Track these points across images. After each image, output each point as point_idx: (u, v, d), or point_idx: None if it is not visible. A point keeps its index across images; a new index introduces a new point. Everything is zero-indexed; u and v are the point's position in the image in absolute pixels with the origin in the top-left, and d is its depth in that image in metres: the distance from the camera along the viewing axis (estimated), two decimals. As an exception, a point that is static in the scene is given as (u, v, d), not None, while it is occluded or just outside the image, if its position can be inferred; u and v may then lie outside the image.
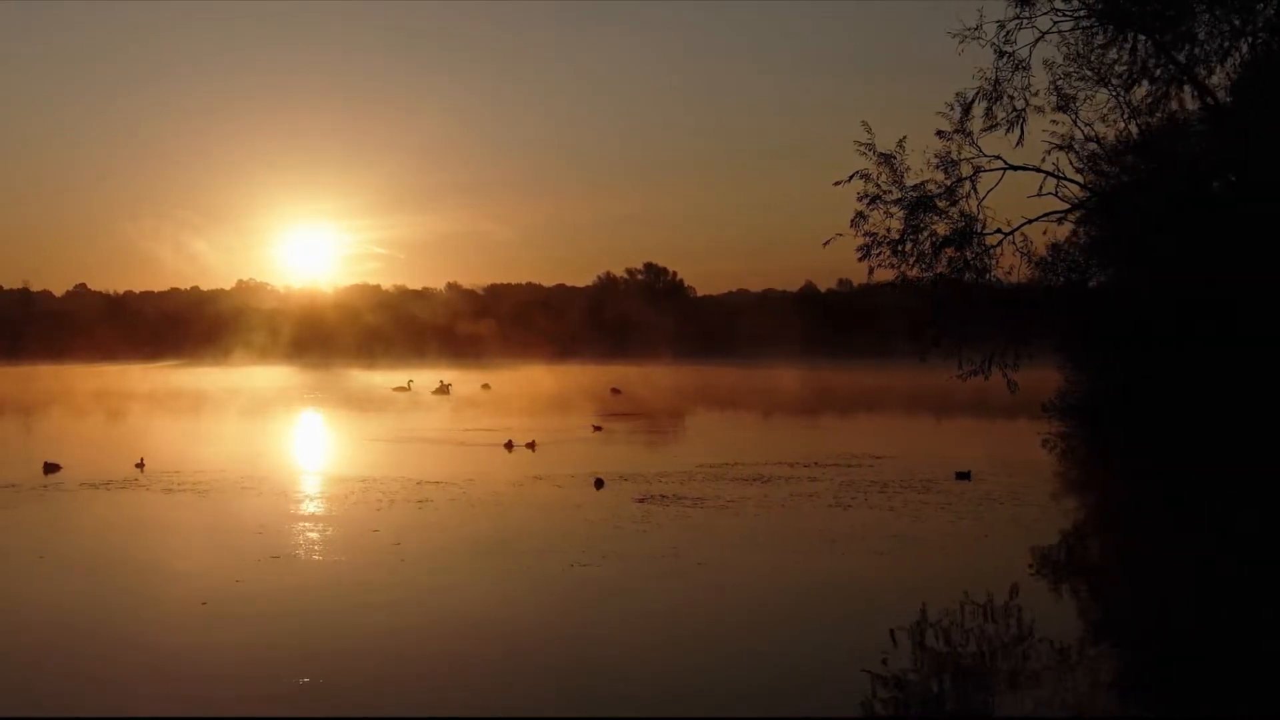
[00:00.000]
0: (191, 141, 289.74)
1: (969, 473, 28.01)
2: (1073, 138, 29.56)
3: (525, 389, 79.15)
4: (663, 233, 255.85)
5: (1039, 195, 30.03)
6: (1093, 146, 31.17)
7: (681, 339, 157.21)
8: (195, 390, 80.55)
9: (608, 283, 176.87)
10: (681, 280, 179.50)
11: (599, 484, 27.11)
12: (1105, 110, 29.19)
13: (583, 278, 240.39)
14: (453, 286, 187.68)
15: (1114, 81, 28.30)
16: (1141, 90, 28.58)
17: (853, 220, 28.28)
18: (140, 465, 30.22)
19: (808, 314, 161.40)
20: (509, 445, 35.60)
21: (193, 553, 19.46)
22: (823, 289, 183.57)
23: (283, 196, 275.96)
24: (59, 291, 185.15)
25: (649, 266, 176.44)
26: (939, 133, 28.06)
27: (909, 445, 38.95)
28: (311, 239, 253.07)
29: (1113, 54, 27.81)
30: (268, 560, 18.64)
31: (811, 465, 31.34)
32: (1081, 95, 28.08)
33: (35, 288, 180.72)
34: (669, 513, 23.21)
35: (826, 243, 28.69)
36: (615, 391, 72.96)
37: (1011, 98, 26.04)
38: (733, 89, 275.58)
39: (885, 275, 28.21)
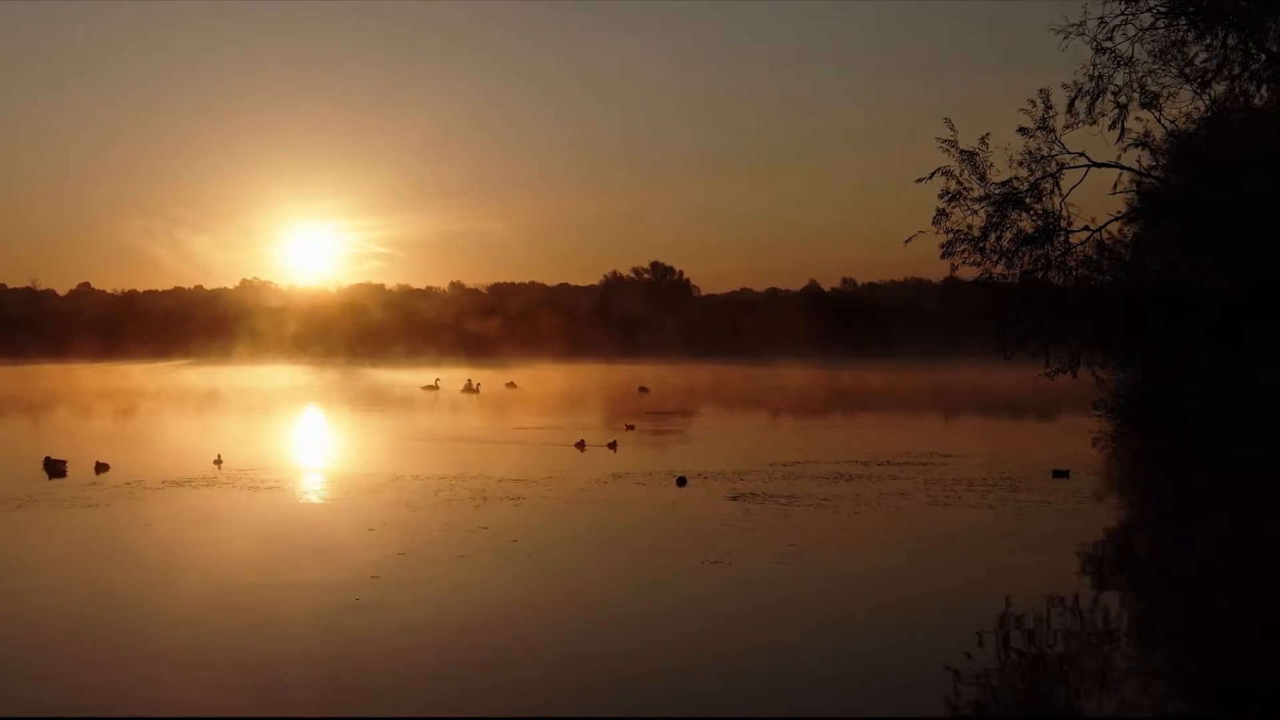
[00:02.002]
0: (192, 140, 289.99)
1: (1067, 471, 27.85)
2: (1149, 134, 29.67)
3: (550, 387, 79.08)
4: (665, 232, 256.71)
5: (1114, 193, 30.15)
6: (1169, 143, 31.24)
7: (688, 338, 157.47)
8: (213, 388, 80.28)
9: (614, 282, 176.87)
10: (688, 279, 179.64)
11: (681, 482, 26.98)
12: (1188, 108, 29.27)
13: (585, 277, 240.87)
14: (456, 285, 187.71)
15: (1195, 78, 28.33)
16: (1221, 86, 28.62)
17: (934, 218, 28.34)
18: (218, 462, 30.07)
19: (813, 313, 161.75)
20: (581, 445, 35.39)
21: (316, 550, 19.30)
22: (826, 288, 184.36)
23: (283, 195, 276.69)
24: (62, 290, 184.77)
25: (655, 265, 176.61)
26: (1021, 130, 28.19)
27: (972, 443, 38.87)
28: (313, 238, 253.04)
29: (1195, 49, 27.84)
30: (394, 556, 18.50)
31: (885, 463, 31.24)
32: (1165, 93, 28.13)
33: (39, 287, 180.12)
34: (769, 511, 23.08)
35: (908, 240, 28.81)
36: (643, 390, 72.90)
37: (1115, 93, 26.04)
38: (737, 87, 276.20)
39: (969, 272, 28.18)
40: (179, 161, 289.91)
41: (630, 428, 43.59)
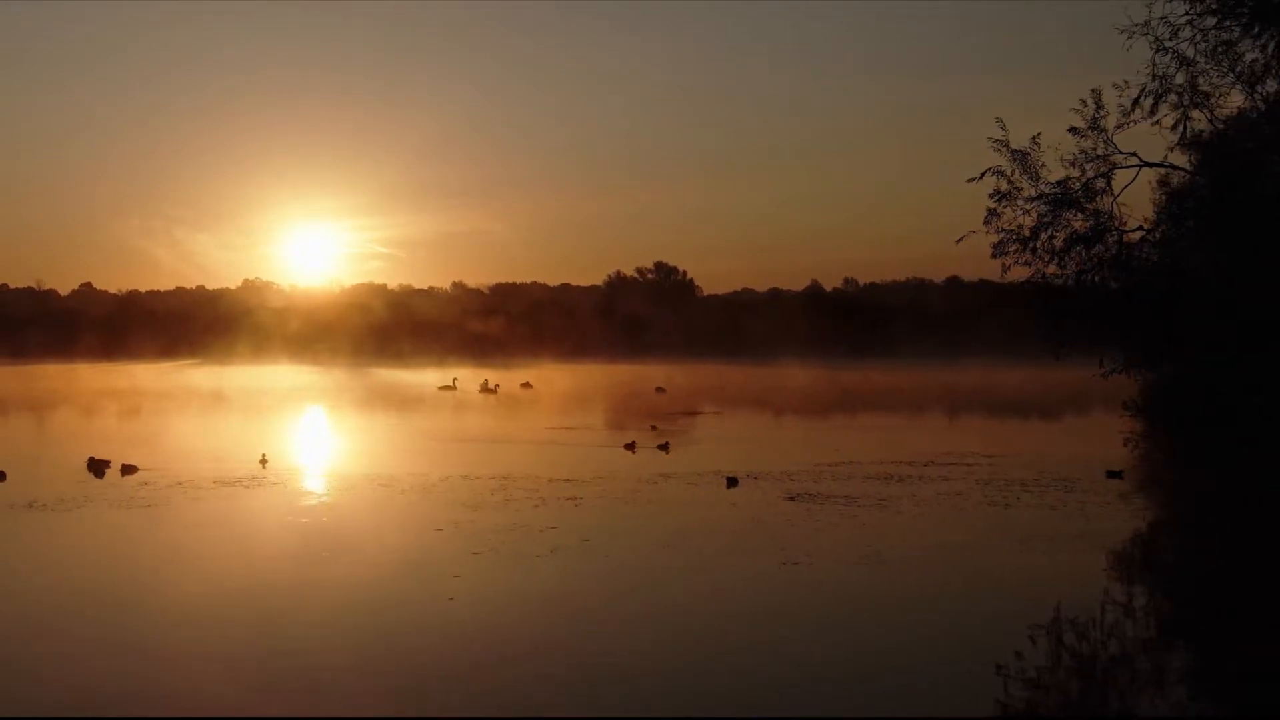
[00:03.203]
0: (192, 140, 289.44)
1: (1121, 472, 27.79)
2: (1198, 134, 29.58)
3: (564, 388, 79.03)
4: (665, 232, 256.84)
5: (1161, 193, 30.06)
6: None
7: (691, 338, 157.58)
8: (225, 389, 80.00)
9: (618, 281, 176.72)
10: (691, 279, 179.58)
11: (732, 482, 26.84)
12: (1240, 107, 29.19)
13: (586, 277, 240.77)
14: (459, 285, 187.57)
15: (1245, 77, 28.23)
16: (1272, 85, 28.52)
17: (985, 218, 28.26)
18: (263, 462, 29.95)
19: (815, 313, 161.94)
20: (632, 446, 35.20)
21: (392, 550, 19.24)
22: (828, 288, 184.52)
23: (283, 195, 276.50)
24: (64, 290, 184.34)
25: (659, 265, 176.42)
26: (1072, 129, 28.08)
27: (1006, 443, 38.72)
28: (313, 238, 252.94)
29: (1245, 45, 27.69)
30: (470, 556, 18.41)
31: (929, 464, 31.17)
32: (1217, 92, 28.03)
33: (42, 287, 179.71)
34: (832, 512, 22.99)
35: (960, 239, 28.71)
36: (660, 390, 72.80)
37: (1179, 93, 25.96)
38: (737, 87, 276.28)
39: (1021, 272, 28.11)
40: (179, 161, 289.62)
41: (654, 428, 43.48)
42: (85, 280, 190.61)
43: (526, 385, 78.26)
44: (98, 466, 29.12)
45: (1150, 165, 28.00)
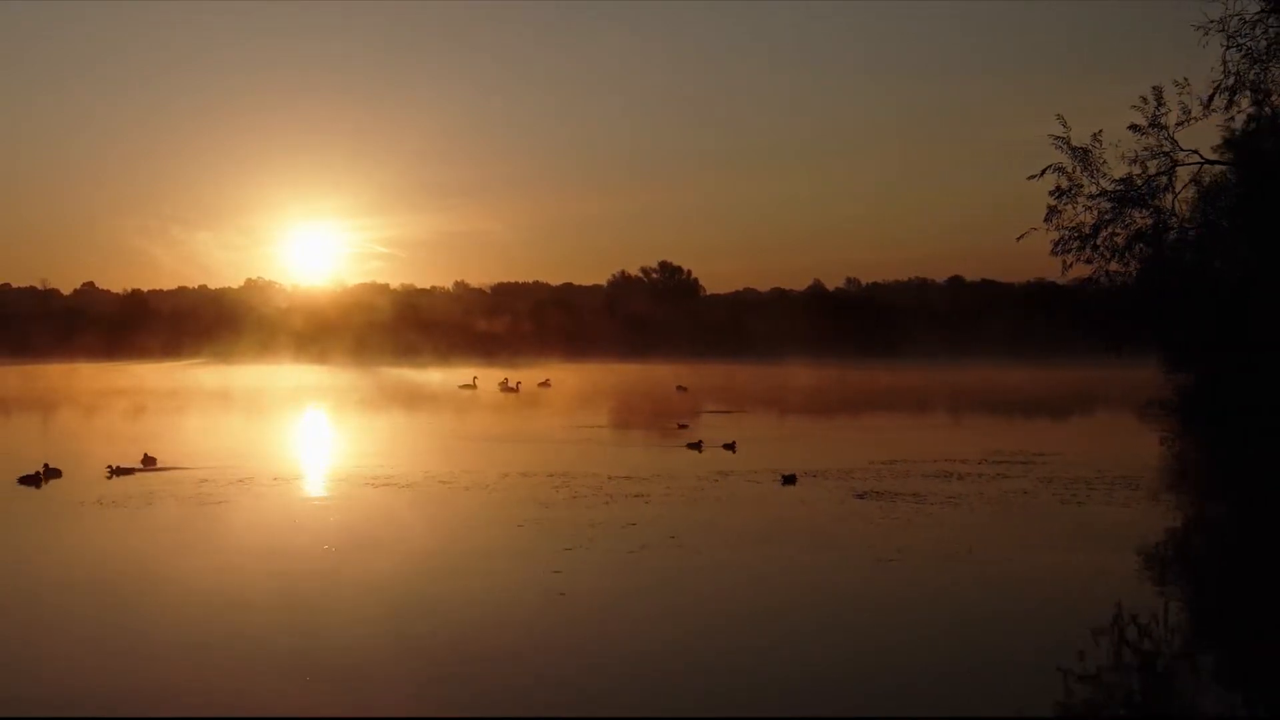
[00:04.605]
0: (192, 140, 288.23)
1: (1183, 470, 27.76)
2: (1256, 131, 29.53)
3: (582, 387, 78.84)
4: (666, 232, 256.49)
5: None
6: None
7: (695, 338, 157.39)
8: (239, 389, 79.71)
9: (622, 281, 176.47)
10: (696, 279, 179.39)
11: (790, 480, 26.67)
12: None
13: (588, 276, 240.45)
14: (461, 285, 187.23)
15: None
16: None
17: (1046, 215, 28.19)
18: (314, 459, 29.81)
19: (817, 312, 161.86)
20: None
21: (481, 545, 19.10)
22: (830, 287, 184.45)
23: (284, 195, 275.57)
24: (66, 290, 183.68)
25: (664, 265, 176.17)
26: (1133, 127, 28.03)
27: (1048, 441, 38.49)
28: (314, 238, 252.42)
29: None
30: (562, 552, 18.29)
31: (983, 462, 31.07)
32: (1277, 90, 27.96)
33: (45, 286, 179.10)
34: (906, 509, 22.90)
35: (1020, 237, 28.63)
36: (681, 389, 72.67)
37: (1256, 90, 25.90)
38: (737, 87, 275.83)
39: (1082, 270, 28.06)
40: (179, 161, 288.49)
41: (684, 426, 43.33)
42: (88, 280, 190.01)
43: (545, 384, 78.15)
44: (150, 463, 28.99)
45: (1212, 163, 27.93)
